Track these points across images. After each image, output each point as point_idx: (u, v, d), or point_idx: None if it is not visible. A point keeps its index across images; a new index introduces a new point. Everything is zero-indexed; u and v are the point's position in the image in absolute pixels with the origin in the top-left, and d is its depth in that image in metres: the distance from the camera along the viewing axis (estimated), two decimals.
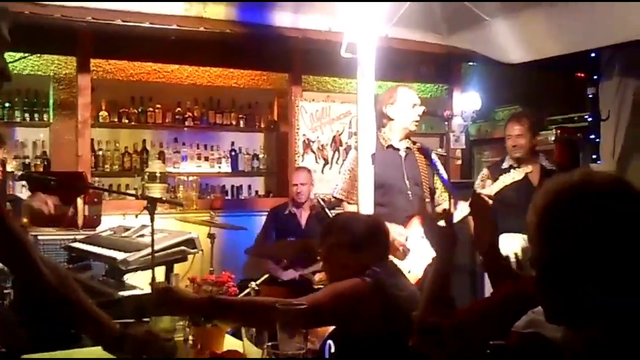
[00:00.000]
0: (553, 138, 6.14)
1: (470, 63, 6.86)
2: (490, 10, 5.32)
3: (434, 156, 4.15)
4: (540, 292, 1.39)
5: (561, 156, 5.98)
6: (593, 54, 5.81)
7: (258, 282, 4.18)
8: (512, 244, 4.57)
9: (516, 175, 4.09)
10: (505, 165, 4.89)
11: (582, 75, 6.30)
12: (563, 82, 6.80)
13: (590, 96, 6.06)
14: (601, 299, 1.29)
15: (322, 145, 6.23)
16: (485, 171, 5.03)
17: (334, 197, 4.17)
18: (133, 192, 5.57)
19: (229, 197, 6.64)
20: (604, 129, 5.97)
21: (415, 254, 3.66)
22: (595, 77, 6.03)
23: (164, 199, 4.49)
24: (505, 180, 4.10)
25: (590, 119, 6.12)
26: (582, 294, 1.31)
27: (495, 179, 4.24)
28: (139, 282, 3.55)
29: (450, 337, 1.84)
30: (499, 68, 6.22)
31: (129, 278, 3.63)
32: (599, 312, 1.29)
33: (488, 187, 4.26)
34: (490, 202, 4.08)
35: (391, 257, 2.75)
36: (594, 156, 6.05)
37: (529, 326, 1.52)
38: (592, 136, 6.05)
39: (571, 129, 6.42)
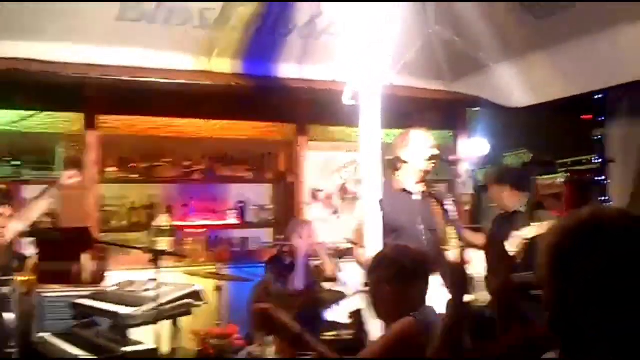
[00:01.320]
0: (563, 180, 6.10)
1: (476, 108, 6.86)
2: (493, 55, 5.35)
3: (448, 202, 4.12)
4: (555, 329, 1.37)
5: (572, 198, 5.94)
6: (598, 96, 5.80)
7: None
8: None
9: (534, 230, 4.14)
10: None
11: (588, 117, 6.28)
12: (569, 125, 6.78)
13: (597, 138, 6.04)
14: (615, 336, 1.27)
15: (328, 195, 6.21)
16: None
17: (347, 240, 4.16)
18: (141, 246, 5.53)
19: (237, 248, 6.59)
20: (612, 170, 5.93)
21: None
22: (601, 118, 6.02)
23: (168, 251, 4.46)
24: (525, 234, 4.13)
25: (598, 161, 6.09)
26: (596, 331, 1.28)
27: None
28: (144, 337, 3.49)
29: None
30: (504, 113, 6.23)
31: (135, 332, 3.58)
32: (612, 349, 1.26)
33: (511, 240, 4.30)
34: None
35: None
36: (603, 198, 5.99)
37: None
38: (601, 178, 6.01)
39: (580, 171, 6.39)
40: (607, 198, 5.89)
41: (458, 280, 2.14)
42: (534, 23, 4.80)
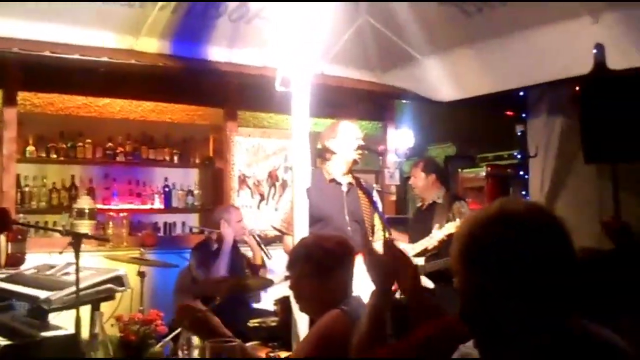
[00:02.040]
0: (483, 174, 6.28)
1: (404, 101, 6.97)
2: (421, 49, 5.43)
3: (375, 193, 4.20)
4: (467, 318, 1.41)
5: (491, 192, 6.12)
6: (521, 93, 5.99)
7: None
8: None
9: (440, 234, 4.37)
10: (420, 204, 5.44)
11: (511, 113, 6.47)
12: (493, 120, 6.97)
13: (519, 134, 6.23)
14: (523, 321, 1.32)
15: (258, 181, 6.19)
16: None
17: (274, 227, 4.15)
18: (60, 229, 5.37)
19: (162, 233, 6.49)
20: (532, 165, 6.14)
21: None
22: (523, 115, 6.21)
23: (90, 234, 4.34)
24: (451, 229, 4.35)
25: (519, 156, 6.29)
26: (505, 316, 1.33)
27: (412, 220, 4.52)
28: (65, 322, 3.39)
29: None
30: (431, 106, 6.34)
31: (55, 317, 3.47)
32: (521, 335, 1.31)
33: (436, 232, 4.48)
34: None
35: None
36: (523, 192, 6.20)
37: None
38: (521, 173, 6.21)
39: (501, 166, 6.60)
40: (526, 192, 6.09)
41: (381, 269, 2.14)
42: (463, 19, 4.89)
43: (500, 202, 1.43)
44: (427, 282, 4.61)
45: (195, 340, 2.39)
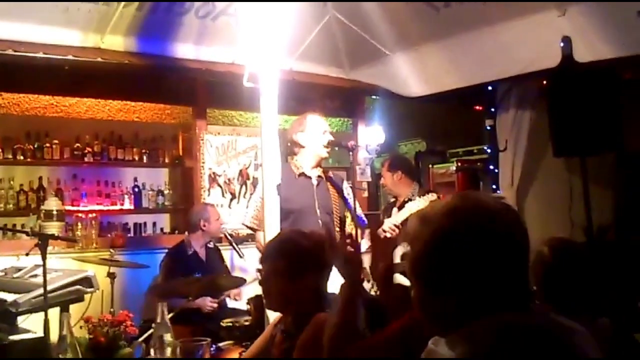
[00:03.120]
0: (454, 168, 6.31)
1: (374, 97, 6.97)
2: (390, 44, 5.44)
3: (345, 186, 4.20)
4: (417, 303, 1.43)
5: (461, 186, 6.15)
6: (490, 87, 6.02)
7: (170, 316, 4.00)
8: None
9: (421, 203, 4.23)
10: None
11: (480, 108, 6.51)
12: (462, 115, 7.01)
13: (488, 128, 6.27)
14: (469, 312, 1.32)
15: (228, 179, 6.14)
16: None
17: (244, 225, 4.14)
18: (27, 230, 5.28)
19: (132, 234, 6.42)
20: (502, 159, 6.18)
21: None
22: (492, 109, 6.25)
23: (57, 235, 4.27)
24: (412, 207, 4.24)
25: (489, 151, 6.32)
26: (453, 305, 1.34)
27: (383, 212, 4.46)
28: (34, 326, 3.33)
29: None
30: (401, 102, 6.36)
31: (24, 321, 3.41)
32: (465, 320, 1.31)
33: (395, 215, 4.38)
34: (387, 234, 4.23)
35: None
36: (493, 186, 6.24)
37: (427, 353, 1.50)
38: (492, 167, 6.25)
39: (471, 161, 6.64)
40: (497, 186, 6.13)
41: (350, 263, 2.12)
42: (430, 14, 4.91)
43: (452, 197, 1.44)
44: (402, 280, 4.60)
45: (168, 339, 2.35)
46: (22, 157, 5.87)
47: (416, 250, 1.41)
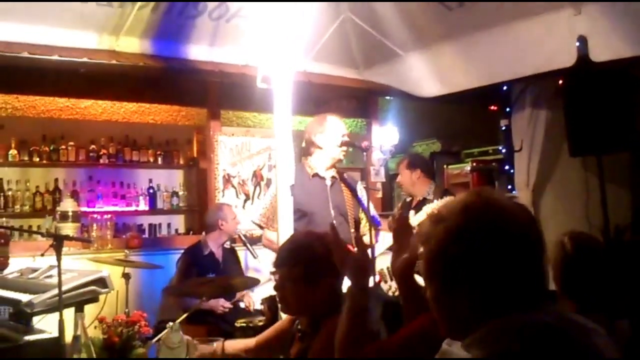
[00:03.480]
0: (469, 169, 6.27)
1: (388, 97, 6.95)
2: (403, 45, 5.42)
3: (359, 187, 4.18)
4: (434, 306, 1.42)
5: (476, 186, 6.11)
6: (505, 87, 5.98)
7: (179, 320, 4.01)
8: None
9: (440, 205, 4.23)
10: (409, 198, 5.33)
11: (495, 108, 6.47)
12: (477, 115, 6.98)
13: (504, 128, 6.22)
14: (483, 313, 1.30)
15: (242, 181, 6.15)
16: (399, 205, 5.30)
17: (253, 222, 4.13)
18: (42, 231, 5.31)
19: (147, 235, 6.45)
20: (517, 160, 6.13)
21: None
22: (507, 109, 6.20)
23: (72, 236, 4.29)
24: (428, 211, 4.22)
25: (504, 151, 6.28)
26: (467, 306, 1.33)
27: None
28: (49, 326, 3.35)
29: None
30: (415, 102, 6.34)
31: (39, 321, 3.43)
32: (483, 327, 1.29)
33: (412, 217, 4.36)
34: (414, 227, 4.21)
35: None
36: (509, 187, 6.20)
37: (442, 353, 1.49)
38: (507, 167, 6.21)
39: (486, 161, 6.60)
40: (512, 187, 6.09)
41: (357, 265, 2.07)
42: (445, 13, 4.88)
43: (464, 194, 1.43)
44: (420, 280, 4.60)
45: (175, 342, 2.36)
46: (38, 159, 5.92)
47: (429, 249, 1.40)
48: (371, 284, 2.09)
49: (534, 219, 1.39)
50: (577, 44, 4.33)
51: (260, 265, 5.31)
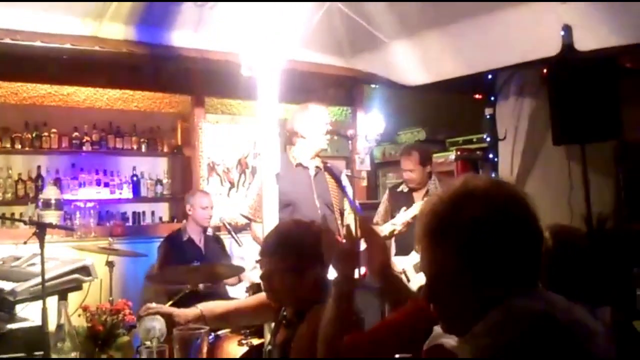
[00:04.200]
0: (453, 157, 6.28)
1: (373, 85, 6.94)
2: (389, 32, 5.40)
3: (343, 177, 4.17)
4: (431, 299, 1.39)
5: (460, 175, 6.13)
6: (490, 76, 5.99)
7: (170, 303, 3.99)
8: (402, 262, 4.76)
9: (406, 216, 4.32)
10: (401, 189, 5.31)
11: (480, 96, 6.48)
12: (462, 104, 6.98)
13: (488, 117, 6.24)
14: (490, 300, 1.29)
15: (227, 168, 6.13)
16: (386, 195, 5.26)
17: (242, 215, 4.12)
18: (25, 219, 5.28)
19: (131, 223, 6.41)
20: (502, 148, 6.15)
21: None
22: (492, 98, 6.22)
23: (55, 224, 4.26)
24: (396, 222, 4.32)
25: (488, 139, 6.30)
26: (472, 295, 1.31)
27: (393, 202, 4.51)
28: (32, 314, 3.33)
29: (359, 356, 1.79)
30: (400, 90, 6.33)
31: (23, 309, 3.40)
32: (482, 321, 1.28)
33: (403, 214, 4.42)
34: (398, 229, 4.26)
35: None
36: (493, 175, 6.22)
37: (432, 339, 1.50)
38: (491, 156, 6.23)
39: (470, 149, 6.62)
40: (496, 175, 6.11)
41: (342, 255, 2.07)
42: (431, 2, 4.88)
43: (464, 177, 1.41)
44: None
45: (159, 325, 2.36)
46: (20, 146, 5.86)
47: (425, 246, 1.37)
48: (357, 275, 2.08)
49: (534, 205, 1.38)
50: (562, 32, 4.35)
51: (245, 253, 5.29)
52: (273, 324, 2.61)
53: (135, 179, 6.48)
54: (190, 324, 2.58)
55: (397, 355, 1.71)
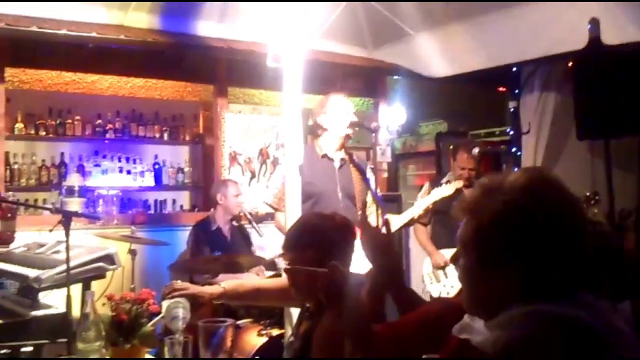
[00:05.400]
0: (477, 150, 6.23)
1: (396, 77, 6.91)
2: (414, 24, 5.38)
3: (368, 170, 4.15)
4: (465, 277, 1.39)
5: (484, 168, 6.08)
6: (514, 69, 5.94)
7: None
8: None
9: (446, 190, 4.20)
10: (444, 180, 5.00)
11: (504, 89, 6.44)
12: (485, 97, 6.94)
13: (512, 110, 6.20)
14: (517, 295, 1.28)
15: (249, 158, 6.14)
16: (426, 185, 5.14)
17: (266, 203, 4.12)
18: (50, 206, 5.32)
19: (152, 211, 6.46)
20: (525, 142, 6.11)
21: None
22: (516, 91, 6.17)
23: (80, 212, 4.30)
24: (440, 193, 4.21)
25: (511, 132, 6.26)
26: (503, 285, 1.30)
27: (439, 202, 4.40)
28: (56, 301, 3.37)
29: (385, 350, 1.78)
30: (423, 82, 6.30)
31: (46, 296, 3.44)
32: (510, 309, 1.27)
33: (420, 200, 4.34)
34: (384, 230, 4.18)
35: None
36: (515, 169, 6.17)
37: (462, 331, 1.48)
38: (514, 149, 6.19)
39: (494, 142, 6.57)
40: (519, 169, 6.07)
41: (374, 247, 2.07)
42: None
43: (529, 170, 1.39)
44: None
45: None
46: (44, 133, 5.90)
47: (480, 219, 1.34)
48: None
49: (584, 209, 1.36)
50: (589, 26, 4.29)
51: (265, 243, 5.31)
52: (294, 315, 2.62)
53: (157, 167, 6.51)
54: (213, 301, 2.62)
55: (424, 356, 1.70)
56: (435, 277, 5.07)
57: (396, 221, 4.07)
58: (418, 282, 5.30)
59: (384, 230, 2.17)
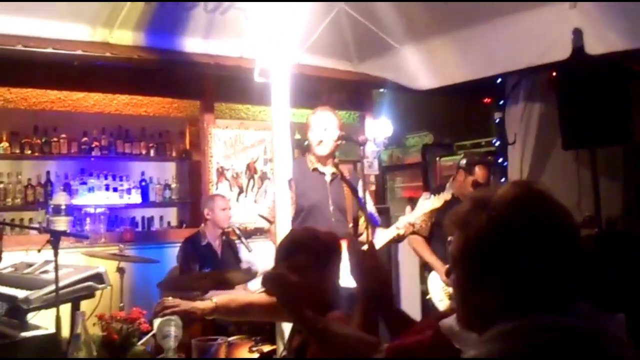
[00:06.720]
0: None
1: (381, 90, 6.94)
2: (398, 38, 5.40)
3: (360, 185, 4.14)
4: (456, 292, 1.38)
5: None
6: (499, 80, 5.98)
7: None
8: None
9: (435, 202, 4.18)
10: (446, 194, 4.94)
11: (489, 100, 6.47)
12: (471, 108, 6.98)
13: (497, 121, 6.23)
14: (508, 308, 1.26)
15: (236, 173, 6.12)
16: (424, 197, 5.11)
17: (261, 216, 4.11)
18: (38, 226, 5.28)
19: (140, 229, 6.42)
20: (511, 152, 6.15)
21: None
22: (501, 102, 6.21)
23: (69, 232, 4.26)
24: (426, 206, 4.19)
25: (497, 143, 6.29)
26: (495, 299, 1.28)
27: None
28: (45, 322, 3.33)
29: None
30: (409, 95, 6.33)
31: (33, 317, 3.40)
32: (502, 322, 1.26)
33: (408, 214, 4.31)
34: (401, 232, 4.15)
35: None
36: (502, 180, 6.20)
37: (452, 335, 1.47)
38: (500, 160, 6.22)
39: (481, 153, 6.60)
40: (506, 179, 6.10)
41: (362, 265, 2.06)
42: (440, 6, 4.87)
43: (517, 184, 1.37)
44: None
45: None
46: (29, 152, 5.88)
47: (467, 235, 1.32)
48: None
49: (576, 221, 1.35)
50: (572, 36, 4.33)
51: (254, 258, 5.29)
52: (286, 331, 2.61)
53: (143, 183, 6.49)
54: (205, 316, 2.60)
55: None
56: (447, 294, 4.89)
57: (382, 236, 4.07)
58: (414, 299, 5.26)
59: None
